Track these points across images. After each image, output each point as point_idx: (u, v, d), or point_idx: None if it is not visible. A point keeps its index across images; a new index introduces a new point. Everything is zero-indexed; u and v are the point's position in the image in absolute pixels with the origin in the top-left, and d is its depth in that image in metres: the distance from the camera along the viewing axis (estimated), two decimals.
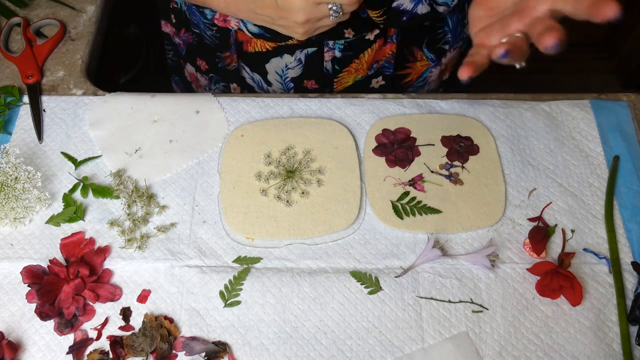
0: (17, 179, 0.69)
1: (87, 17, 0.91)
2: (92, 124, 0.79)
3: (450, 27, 0.88)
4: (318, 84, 0.89)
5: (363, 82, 0.89)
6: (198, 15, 0.85)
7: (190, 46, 0.93)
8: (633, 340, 0.64)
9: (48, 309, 0.65)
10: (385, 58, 0.86)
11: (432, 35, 0.87)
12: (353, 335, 0.64)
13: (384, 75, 0.89)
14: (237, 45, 0.85)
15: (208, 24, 0.85)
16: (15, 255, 0.69)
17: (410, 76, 0.92)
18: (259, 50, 0.84)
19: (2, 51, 0.86)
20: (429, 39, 0.88)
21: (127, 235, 0.70)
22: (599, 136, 0.78)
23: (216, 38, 0.86)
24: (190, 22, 0.88)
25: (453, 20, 0.87)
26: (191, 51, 0.94)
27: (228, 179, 0.74)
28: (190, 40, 0.91)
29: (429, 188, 0.74)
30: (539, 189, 0.74)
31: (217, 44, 0.86)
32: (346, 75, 0.87)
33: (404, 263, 0.69)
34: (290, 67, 0.86)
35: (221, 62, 0.89)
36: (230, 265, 0.68)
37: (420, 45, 0.88)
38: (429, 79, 0.94)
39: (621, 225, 0.71)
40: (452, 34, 0.89)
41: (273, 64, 0.86)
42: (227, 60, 0.88)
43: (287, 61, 0.85)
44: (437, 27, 0.87)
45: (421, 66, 0.91)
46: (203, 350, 0.63)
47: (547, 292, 0.66)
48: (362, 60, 0.85)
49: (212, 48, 0.88)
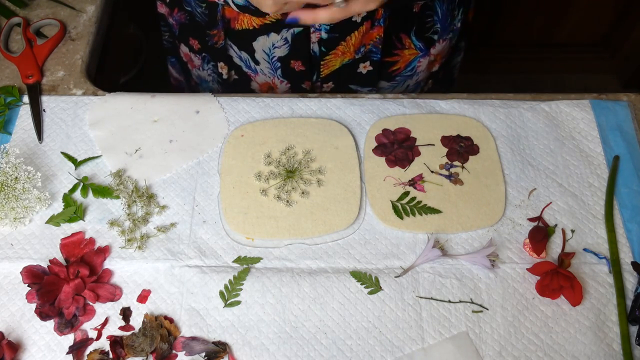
0: (17, 179, 0.69)
1: (87, 17, 0.91)
2: (92, 124, 0.79)
3: (440, 17, 0.88)
4: (305, 66, 0.88)
5: (350, 66, 0.89)
6: None
7: (182, 26, 0.93)
8: (633, 340, 0.64)
9: (48, 309, 0.65)
10: (372, 42, 0.86)
11: (421, 23, 0.87)
12: (353, 335, 0.64)
13: (372, 60, 0.89)
14: (224, 22, 0.85)
15: (197, 1, 0.85)
16: (15, 255, 0.69)
17: (399, 64, 0.92)
18: (246, 27, 0.84)
19: (2, 51, 0.86)
20: (418, 27, 0.87)
21: (127, 235, 0.70)
22: (599, 136, 0.78)
23: (205, 15, 0.86)
24: (182, 1, 0.88)
25: (442, 9, 0.87)
26: (184, 31, 0.94)
27: (228, 179, 0.74)
28: (183, 19, 0.91)
29: (429, 188, 0.74)
30: (539, 189, 0.74)
31: (206, 21, 0.87)
32: (333, 57, 0.87)
33: (404, 263, 0.69)
34: (277, 46, 0.85)
35: (210, 40, 0.89)
36: (230, 265, 0.68)
37: (408, 33, 0.87)
38: (417, 68, 0.94)
39: (621, 225, 0.71)
40: (441, 24, 0.89)
41: (260, 42, 0.85)
42: (215, 38, 0.88)
43: (273, 40, 0.84)
44: (426, 16, 0.86)
45: (409, 54, 0.90)
46: (203, 350, 0.63)
47: (547, 292, 0.66)
48: (349, 43, 0.85)
49: (202, 26, 0.88)
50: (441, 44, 0.92)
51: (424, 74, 0.96)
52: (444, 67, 0.99)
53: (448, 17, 0.89)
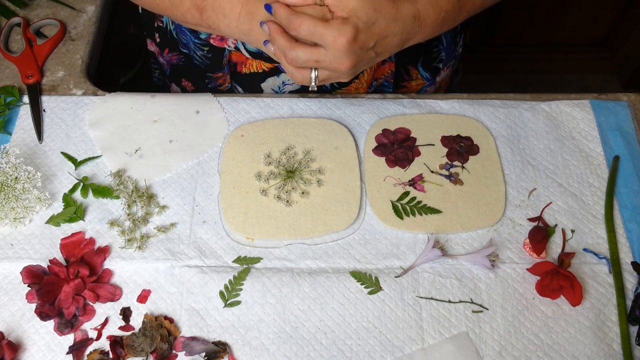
0: (17, 179, 0.69)
1: (87, 17, 0.91)
2: (92, 124, 0.79)
3: (445, 45, 0.89)
4: None
5: None
6: (189, 35, 0.83)
7: (174, 67, 0.92)
8: (633, 340, 0.64)
9: (48, 309, 0.65)
10: (384, 77, 0.87)
11: (428, 54, 0.88)
12: (353, 335, 0.64)
13: (383, 92, 0.89)
14: (230, 65, 0.85)
15: (199, 44, 0.83)
16: (15, 255, 0.69)
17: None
18: (254, 71, 0.84)
19: (2, 51, 0.86)
20: (425, 57, 0.88)
21: (127, 235, 0.70)
22: (599, 136, 0.78)
23: (207, 58, 0.85)
24: (177, 42, 0.87)
25: (447, 38, 0.88)
26: (176, 72, 0.93)
27: (228, 179, 0.74)
28: (175, 61, 0.90)
29: (429, 188, 0.74)
30: (539, 189, 0.74)
31: (208, 64, 0.85)
32: (346, 93, 0.87)
33: (404, 263, 0.69)
34: (288, 84, 0.85)
35: (212, 83, 0.88)
36: (230, 265, 0.68)
37: (415, 64, 0.89)
38: None
39: (621, 225, 0.71)
40: (445, 52, 0.90)
41: (269, 82, 0.85)
42: (219, 81, 0.87)
43: (284, 79, 0.84)
44: (432, 46, 0.88)
45: (416, 85, 0.91)
46: (203, 350, 0.63)
47: (547, 292, 0.66)
48: (361, 80, 0.85)
49: (201, 69, 0.87)
50: (445, 71, 0.93)
51: None
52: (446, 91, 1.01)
53: (452, 45, 0.90)
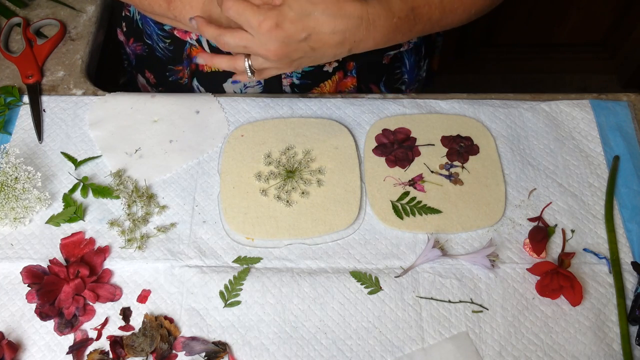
0: (17, 179, 0.69)
1: (87, 17, 0.91)
2: (92, 124, 0.79)
3: (407, 68, 0.90)
4: None
5: None
6: (152, 26, 0.83)
7: (139, 57, 0.92)
8: (633, 340, 0.64)
9: (48, 309, 0.65)
10: (347, 90, 0.87)
11: (390, 74, 0.88)
12: (353, 335, 0.64)
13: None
14: (189, 61, 0.84)
15: (162, 36, 0.83)
16: (15, 255, 0.69)
17: None
18: (216, 69, 0.83)
19: (2, 51, 0.86)
20: (387, 77, 0.89)
21: (127, 235, 0.70)
22: (599, 136, 0.78)
23: (169, 51, 0.85)
24: (142, 32, 0.87)
25: (411, 61, 0.89)
26: (140, 62, 0.92)
27: (228, 179, 0.74)
28: (139, 51, 0.90)
29: (429, 188, 0.74)
30: (539, 189, 0.74)
31: (169, 56, 0.85)
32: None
33: (404, 263, 0.69)
34: (250, 86, 0.85)
35: (173, 76, 0.88)
36: (230, 265, 0.68)
37: (378, 83, 0.89)
38: None
39: (621, 225, 0.71)
40: (408, 75, 0.91)
41: (230, 83, 0.84)
42: (180, 74, 0.87)
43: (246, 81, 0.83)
44: (395, 67, 0.88)
45: None
46: (203, 350, 0.63)
47: (547, 292, 0.66)
48: (323, 89, 0.85)
49: (163, 61, 0.87)
50: (408, 93, 0.93)
51: None
52: None
53: (415, 69, 0.91)
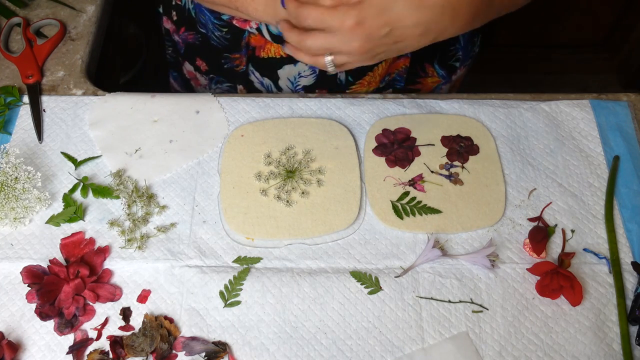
0: (17, 179, 0.69)
1: (87, 17, 0.91)
2: (92, 124, 0.79)
3: (462, 45, 0.89)
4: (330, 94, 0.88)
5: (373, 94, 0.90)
6: (208, 15, 0.84)
7: (190, 46, 0.92)
8: (633, 340, 0.64)
9: (48, 309, 0.65)
10: (397, 71, 0.87)
11: (445, 52, 0.88)
12: (353, 335, 0.64)
13: (395, 87, 0.90)
14: (248, 49, 0.85)
15: (218, 25, 0.84)
16: (15, 255, 0.69)
17: (420, 91, 0.93)
18: (272, 56, 0.84)
19: (2, 51, 0.86)
20: (441, 55, 0.88)
21: (127, 235, 0.70)
22: (599, 136, 0.78)
23: (225, 39, 0.85)
24: (195, 21, 0.87)
25: (465, 37, 0.88)
26: (191, 51, 0.93)
27: (228, 179, 0.74)
28: (191, 39, 0.91)
29: (429, 188, 0.74)
30: (539, 189, 0.74)
31: (226, 45, 0.86)
32: (359, 87, 0.88)
33: (404, 263, 0.69)
34: (303, 76, 0.86)
35: (229, 63, 0.89)
36: (230, 265, 0.68)
37: (432, 62, 0.89)
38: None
39: (621, 225, 0.71)
40: (463, 52, 0.90)
41: (286, 70, 0.85)
42: (236, 62, 0.88)
43: (300, 69, 0.85)
44: (450, 44, 0.87)
45: (431, 82, 0.91)
46: (203, 350, 0.63)
47: (547, 292, 0.66)
48: (375, 73, 0.85)
49: (218, 49, 0.88)
50: (462, 70, 0.93)
51: None
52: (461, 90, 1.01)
53: (469, 45, 0.90)
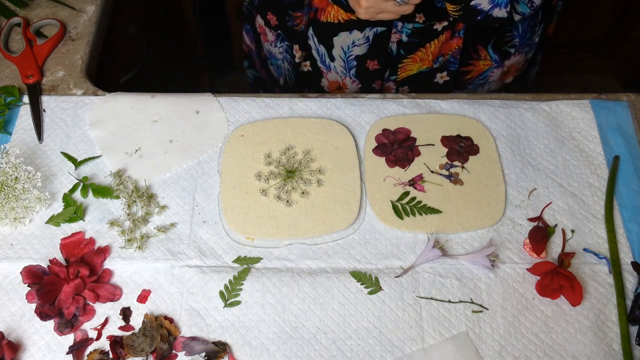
0: (17, 179, 0.69)
1: (87, 17, 0.91)
2: (92, 124, 0.79)
3: (520, 32, 0.88)
4: (380, 65, 0.89)
5: (428, 75, 0.90)
6: None
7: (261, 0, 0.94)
8: (633, 340, 0.64)
9: (48, 309, 0.65)
10: (451, 52, 0.87)
11: (500, 37, 0.88)
12: (353, 335, 0.64)
13: (449, 70, 0.90)
14: (310, 9, 0.86)
15: None
16: (15, 255, 0.69)
17: (472, 73, 0.93)
18: (331, 20, 0.85)
19: (2, 51, 0.86)
20: (496, 40, 0.88)
21: (127, 235, 0.70)
22: (599, 136, 0.78)
23: None
24: None
25: (524, 25, 0.88)
26: (264, 3, 0.95)
27: (228, 179, 0.74)
28: None
29: (429, 188, 0.74)
30: (539, 189, 0.74)
31: (292, 1, 0.88)
32: (411, 62, 0.88)
33: (404, 263, 0.69)
34: (357, 44, 0.87)
35: (291, 21, 0.90)
36: (230, 265, 0.68)
37: (485, 45, 0.89)
38: (489, 78, 0.95)
39: (621, 225, 0.71)
40: (520, 39, 0.89)
41: (341, 38, 0.87)
42: (297, 20, 0.89)
43: (355, 37, 0.86)
44: (506, 30, 0.87)
45: (483, 65, 0.91)
46: (203, 350, 0.63)
47: (547, 292, 0.66)
48: (427, 50, 0.86)
49: (285, 5, 0.89)
50: (516, 57, 0.93)
51: (497, 84, 0.97)
52: (518, 79, 1.00)
53: (528, 33, 0.90)
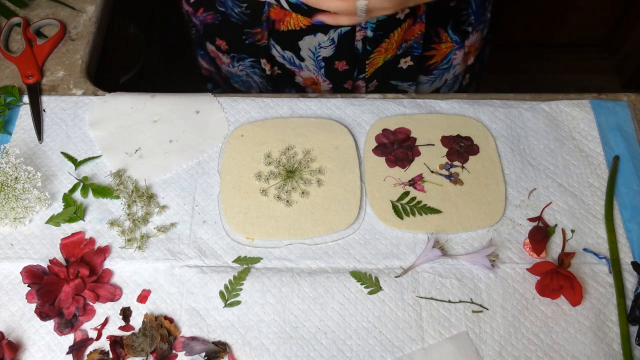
0: (17, 179, 0.69)
1: (87, 17, 0.91)
2: (92, 124, 0.79)
3: (474, 9, 0.90)
4: (349, 65, 0.89)
5: (392, 62, 0.91)
6: None
7: (209, 26, 0.93)
8: (633, 340, 0.64)
9: (48, 309, 0.65)
10: (414, 37, 0.88)
11: (457, 16, 0.89)
12: (353, 335, 0.64)
13: (412, 55, 0.90)
14: (269, 23, 0.86)
15: (237, 1, 0.85)
16: (15, 255, 0.69)
17: (435, 58, 0.94)
18: (292, 28, 0.85)
19: (2, 51, 0.86)
20: (454, 20, 0.90)
21: (127, 235, 0.70)
22: (599, 136, 0.78)
23: (245, 15, 0.86)
24: (213, 1, 0.88)
25: (477, 1, 0.89)
26: (210, 31, 0.94)
27: (228, 179, 0.74)
28: (210, 20, 0.91)
29: (429, 188, 0.74)
30: (539, 189, 0.74)
31: (246, 20, 0.87)
32: (377, 55, 0.88)
33: (404, 263, 0.69)
34: (323, 47, 0.86)
35: (250, 39, 0.90)
36: (230, 265, 0.68)
37: (445, 27, 0.90)
38: (453, 61, 0.96)
39: (621, 225, 0.71)
40: (475, 16, 0.91)
41: (306, 41, 0.86)
42: (257, 37, 0.89)
43: (320, 40, 0.85)
44: (462, 9, 0.89)
45: (446, 48, 0.92)
46: (203, 350, 0.63)
47: (547, 292, 0.66)
48: (392, 40, 0.86)
49: (238, 26, 0.88)
50: (474, 35, 0.94)
51: (461, 67, 0.98)
52: (478, 60, 1.02)
53: (481, 9, 0.92)
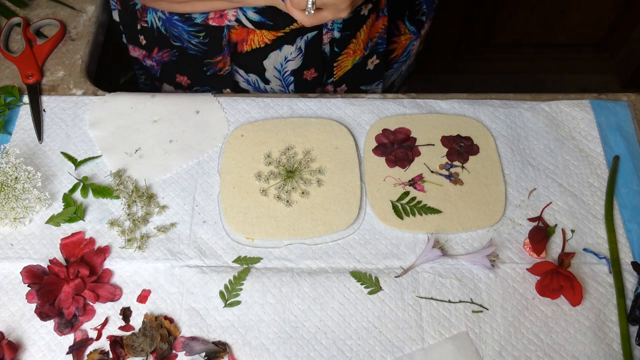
0: (17, 179, 0.69)
1: (87, 17, 0.91)
2: (92, 124, 0.79)
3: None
4: (317, 72, 0.88)
5: (360, 65, 0.90)
6: (181, 26, 0.82)
7: (166, 65, 0.90)
8: (633, 340, 0.64)
9: (48, 309, 0.65)
10: (378, 34, 0.88)
11: (412, 7, 0.90)
12: (353, 335, 0.64)
13: (378, 52, 0.90)
14: (230, 46, 0.84)
15: (194, 32, 0.83)
16: (15, 255, 0.69)
17: (397, 51, 0.95)
18: (255, 47, 0.84)
19: (2, 51, 0.86)
20: (410, 11, 0.91)
21: (127, 235, 0.70)
22: (599, 136, 0.78)
23: (204, 44, 0.84)
24: (167, 38, 0.86)
25: None
26: (168, 70, 0.91)
27: (228, 179, 0.74)
28: (167, 58, 0.89)
29: (429, 188, 0.74)
30: (539, 189, 0.74)
31: (206, 50, 0.85)
32: (345, 58, 0.88)
33: (404, 263, 0.69)
34: (290, 59, 0.85)
35: (211, 69, 0.88)
36: (230, 265, 0.68)
37: (402, 19, 0.91)
38: (411, 52, 0.97)
39: (621, 225, 0.71)
40: (426, 5, 0.92)
41: (272, 59, 0.85)
42: (219, 65, 0.87)
43: (286, 52, 0.84)
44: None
45: (405, 40, 0.93)
46: (203, 350, 0.63)
47: (547, 292, 0.66)
48: (359, 40, 0.86)
49: (198, 57, 0.86)
50: (428, 24, 0.96)
51: (414, 56, 1.00)
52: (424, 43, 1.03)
53: None
